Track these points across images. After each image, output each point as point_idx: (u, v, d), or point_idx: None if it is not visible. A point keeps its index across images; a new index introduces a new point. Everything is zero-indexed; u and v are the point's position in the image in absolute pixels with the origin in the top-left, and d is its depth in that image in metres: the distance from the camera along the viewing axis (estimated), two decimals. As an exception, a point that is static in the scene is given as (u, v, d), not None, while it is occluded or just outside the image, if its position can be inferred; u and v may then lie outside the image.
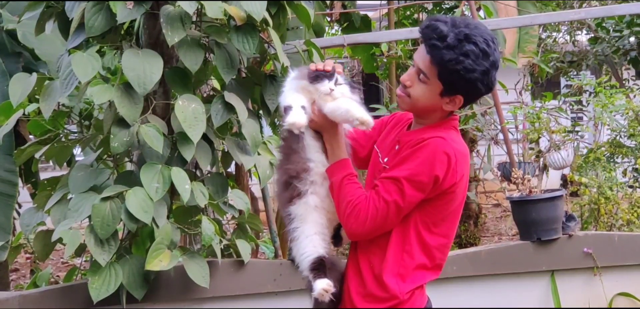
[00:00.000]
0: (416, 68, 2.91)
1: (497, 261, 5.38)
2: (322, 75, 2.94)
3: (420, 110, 2.97)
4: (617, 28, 9.13)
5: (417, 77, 2.91)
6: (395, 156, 2.96)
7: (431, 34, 2.82)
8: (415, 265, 2.94)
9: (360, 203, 2.86)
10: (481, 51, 2.80)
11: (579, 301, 5.44)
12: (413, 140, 2.91)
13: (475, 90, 2.90)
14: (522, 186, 5.60)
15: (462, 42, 2.78)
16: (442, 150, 2.85)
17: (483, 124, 7.74)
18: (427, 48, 2.85)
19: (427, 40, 2.85)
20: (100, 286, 4.23)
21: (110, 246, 4.24)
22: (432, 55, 2.82)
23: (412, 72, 2.94)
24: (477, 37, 2.80)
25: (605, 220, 6.77)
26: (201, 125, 4.25)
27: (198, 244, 4.80)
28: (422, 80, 2.90)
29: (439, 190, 2.87)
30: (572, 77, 11.21)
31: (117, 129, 4.21)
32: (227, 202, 4.75)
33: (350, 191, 2.89)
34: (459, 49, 2.78)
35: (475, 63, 2.79)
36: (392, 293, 2.91)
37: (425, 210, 2.90)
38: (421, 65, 2.88)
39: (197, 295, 4.77)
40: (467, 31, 2.80)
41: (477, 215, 9.70)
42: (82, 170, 4.56)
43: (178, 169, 4.27)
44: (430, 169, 2.82)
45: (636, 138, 7.68)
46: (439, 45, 2.79)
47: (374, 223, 2.85)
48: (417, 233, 2.92)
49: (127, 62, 4.11)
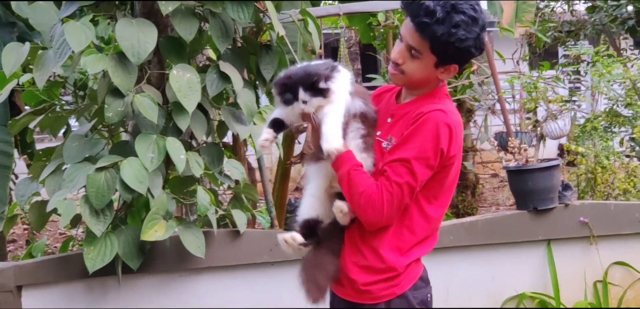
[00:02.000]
0: (406, 44, 2.86)
1: (493, 230, 5.38)
2: (289, 90, 2.89)
3: (416, 83, 2.94)
4: (615, -3, 9.11)
5: (409, 53, 2.86)
6: (390, 129, 2.94)
7: (418, 11, 2.77)
8: (415, 241, 2.93)
9: (373, 192, 2.81)
10: (470, 18, 2.77)
11: (575, 270, 5.44)
12: (411, 115, 2.88)
13: (469, 56, 2.88)
14: (518, 155, 5.60)
15: (451, 13, 2.74)
16: (444, 122, 2.82)
17: (480, 94, 7.74)
18: (415, 25, 2.80)
19: (414, 17, 2.79)
20: (95, 256, 4.23)
21: (106, 216, 4.23)
22: (423, 32, 2.78)
23: (402, 49, 2.88)
24: (464, 4, 2.76)
25: (602, 189, 6.77)
26: (196, 94, 4.23)
27: (194, 214, 4.78)
28: (415, 56, 2.85)
29: (443, 163, 2.85)
30: (569, 46, 11.17)
31: (111, 99, 4.19)
32: (222, 172, 4.73)
33: (360, 182, 2.83)
34: (448, 21, 2.73)
35: (467, 32, 2.76)
36: (391, 265, 2.90)
37: (427, 183, 2.88)
38: (411, 41, 2.83)
39: (192, 265, 4.77)
40: (452, 1, 2.76)
41: (474, 185, 9.70)
42: (77, 140, 4.53)
43: (173, 139, 4.26)
44: (436, 144, 2.80)
45: (633, 107, 7.66)
46: (428, 22, 2.74)
47: (391, 208, 2.81)
48: (418, 207, 2.90)
49: (121, 31, 4.08)
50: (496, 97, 6.96)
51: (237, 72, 4.46)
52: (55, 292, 4.66)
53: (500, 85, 6.82)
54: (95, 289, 4.67)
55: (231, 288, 4.93)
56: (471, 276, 5.33)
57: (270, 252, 4.91)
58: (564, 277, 5.40)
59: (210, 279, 4.88)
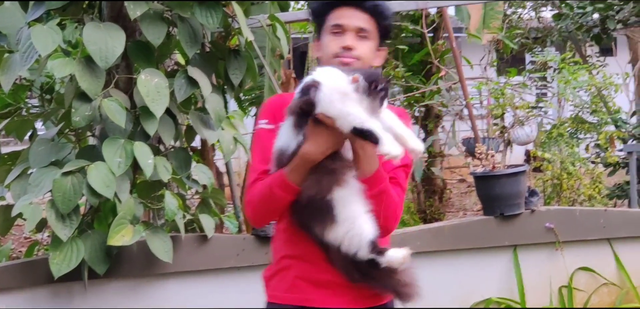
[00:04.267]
0: (354, 29, 2.81)
1: (460, 236, 5.41)
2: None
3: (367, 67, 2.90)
4: (581, 5, 9.17)
5: (357, 36, 2.82)
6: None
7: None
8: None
9: (401, 203, 2.80)
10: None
11: (540, 276, 5.48)
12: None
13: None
14: (485, 161, 5.63)
15: None
16: (405, 112, 2.90)
17: (448, 100, 7.78)
18: (361, 5, 2.80)
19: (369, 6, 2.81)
20: (61, 261, 4.19)
21: (72, 221, 4.20)
22: (370, 10, 2.80)
23: (351, 35, 2.82)
24: None
25: (568, 195, 6.84)
26: (164, 99, 4.21)
27: (161, 219, 4.77)
28: (364, 37, 2.83)
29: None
30: (536, 53, 11.27)
31: (78, 103, 4.16)
32: (190, 177, 4.72)
33: (394, 193, 2.75)
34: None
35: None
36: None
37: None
38: (359, 23, 2.81)
39: (160, 270, 4.75)
40: None
41: (442, 191, 9.77)
42: (43, 144, 4.50)
43: (141, 143, 4.24)
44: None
45: (598, 114, 7.76)
46: (378, 5, 2.80)
47: (401, 213, 2.83)
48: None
49: (88, 35, 4.06)
50: (464, 102, 7.00)
51: (206, 77, 4.45)
52: (20, 297, 4.62)
53: (467, 91, 6.87)
54: (61, 294, 4.63)
55: (199, 292, 4.92)
56: (438, 282, 5.34)
57: (238, 257, 4.91)
58: (529, 282, 5.44)
59: (178, 284, 4.86)
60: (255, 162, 2.84)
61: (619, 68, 10.24)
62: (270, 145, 2.75)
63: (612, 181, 8.71)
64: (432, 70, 8.74)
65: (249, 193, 2.82)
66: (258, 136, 2.90)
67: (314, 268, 2.79)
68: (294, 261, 2.84)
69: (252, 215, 2.85)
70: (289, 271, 2.85)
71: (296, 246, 2.82)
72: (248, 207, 2.84)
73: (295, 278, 2.83)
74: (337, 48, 2.81)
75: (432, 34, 9.12)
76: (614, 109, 8.28)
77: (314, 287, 2.81)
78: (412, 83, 8.04)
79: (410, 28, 8.75)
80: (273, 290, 2.91)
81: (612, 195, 8.30)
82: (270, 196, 2.71)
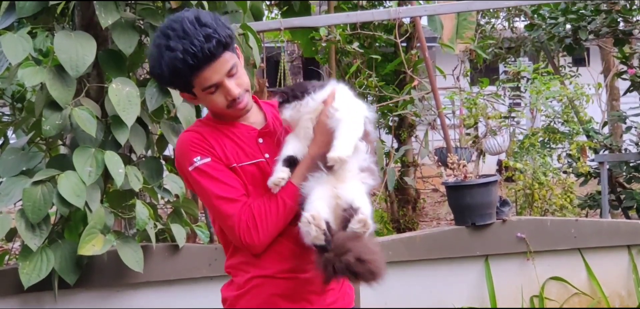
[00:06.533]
0: (226, 75, 2.72)
1: (432, 246, 5.42)
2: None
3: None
4: (553, 15, 9.23)
5: (233, 78, 2.75)
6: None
7: (203, 44, 2.62)
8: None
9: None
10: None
11: (512, 285, 5.51)
12: (278, 119, 2.91)
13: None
14: (458, 171, 5.65)
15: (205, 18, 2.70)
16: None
17: (421, 109, 7.80)
18: (213, 52, 2.64)
19: (208, 50, 2.63)
20: (31, 271, 4.17)
21: (42, 230, 4.18)
22: (221, 49, 2.66)
23: (228, 84, 2.73)
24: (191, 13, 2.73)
25: (539, 205, 6.87)
26: (135, 108, 4.21)
27: (132, 228, 4.75)
28: (235, 73, 2.75)
29: None
30: (509, 63, 11.33)
31: (49, 112, 4.15)
32: (162, 186, 4.71)
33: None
34: (215, 22, 2.68)
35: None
36: None
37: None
38: (226, 66, 2.71)
39: (131, 280, 4.73)
40: (188, 17, 2.67)
41: (415, 200, 9.79)
42: (14, 153, 4.48)
43: (112, 153, 4.23)
44: None
45: (570, 124, 7.80)
46: (216, 37, 2.63)
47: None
48: None
49: (59, 43, 4.04)
50: (436, 112, 7.02)
51: (177, 86, 4.44)
52: (-11, 307, 4.60)
53: (440, 100, 6.88)
54: (31, 304, 4.60)
55: (170, 302, 4.90)
56: (410, 292, 5.36)
57: (210, 266, 4.90)
58: (501, 292, 5.46)
59: (149, 294, 4.85)
60: (220, 192, 2.76)
61: (592, 78, 10.32)
62: (223, 174, 2.76)
63: (584, 191, 8.78)
64: (405, 80, 8.76)
65: (240, 219, 2.74)
66: (203, 172, 2.78)
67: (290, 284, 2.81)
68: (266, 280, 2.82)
69: (262, 237, 2.75)
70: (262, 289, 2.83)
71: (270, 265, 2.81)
72: (249, 233, 2.74)
73: (271, 295, 2.82)
74: (226, 102, 2.76)
75: (405, 44, 9.16)
76: (585, 119, 8.33)
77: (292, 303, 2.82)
78: (386, 93, 8.04)
79: (383, 37, 8.77)
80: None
81: (584, 205, 8.36)
82: (285, 210, 2.75)
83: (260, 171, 2.80)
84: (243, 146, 2.82)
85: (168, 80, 2.73)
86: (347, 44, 7.98)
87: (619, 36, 8.81)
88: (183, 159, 2.81)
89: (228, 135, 2.83)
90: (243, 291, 2.85)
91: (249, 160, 2.81)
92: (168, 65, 2.62)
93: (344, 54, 8.85)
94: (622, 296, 5.70)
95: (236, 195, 2.75)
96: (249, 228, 2.73)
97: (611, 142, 8.41)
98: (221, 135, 2.82)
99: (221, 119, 2.86)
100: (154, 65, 2.69)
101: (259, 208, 2.74)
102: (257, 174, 2.80)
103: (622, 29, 8.70)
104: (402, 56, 7.47)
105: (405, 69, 7.65)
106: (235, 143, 2.82)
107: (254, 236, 2.74)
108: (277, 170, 2.75)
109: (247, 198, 2.76)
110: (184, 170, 2.83)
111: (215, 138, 2.80)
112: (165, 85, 2.88)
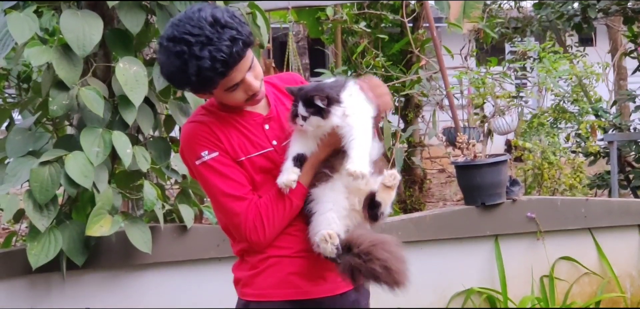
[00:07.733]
0: (248, 70, 2.67)
1: (441, 226, 5.39)
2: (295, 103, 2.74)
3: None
4: (562, -6, 9.19)
5: (253, 72, 2.71)
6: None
7: (239, 37, 2.59)
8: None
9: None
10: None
11: (522, 265, 5.48)
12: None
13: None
14: (466, 151, 5.61)
15: (220, 20, 2.61)
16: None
17: (428, 89, 7.76)
18: (232, 56, 2.57)
19: (228, 55, 2.56)
20: (39, 252, 4.15)
21: (50, 211, 4.16)
22: (240, 48, 2.58)
23: (249, 78, 2.69)
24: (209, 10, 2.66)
25: (549, 184, 6.84)
26: (143, 88, 4.18)
27: (140, 209, 4.73)
28: (255, 63, 2.72)
29: None
30: (516, 42, 11.27)
31: (55, 92, 4.12)
32: (170, 167, 4.68)
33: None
34: (233, 21, 2.61)
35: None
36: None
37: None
38: (251, 57, 2.68)
39: (139, 261, 4.70)
40: (208, 18, 2.60)
41: (422, 181, 9.77)
42: (20, 134, 4.45)
43: (119, 133, 4.20)
44: None
45: (579, 103, 7.77)
46: (235, 36, 2.57)
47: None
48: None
49: (65, 22, 4.01)
50: (444, 92, 6.97)
51: (185, 65, 4.41)
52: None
53: (448, 80, 6.83)
54: (39, 285, 4.58)
55: (178, 283, 4.88)
56: (419, 272, 5.26)
57: (218, 247, 4.87)
58: (511, 272, 5.43)
59: (157, 275, 4.82)
60: (227, 189, 2.74)
61: (599, 58, 10.27)
62: (230, 169, 2.74)
63: (593, 170, 8.74)
64: (412, 60, 8.73)
65: (247, 218, 2.73)
66: (210, 168, 2.76)
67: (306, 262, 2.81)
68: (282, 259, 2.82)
69: (268, 236, 2.76)
70: (279, 268, 2.82)
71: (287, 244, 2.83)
72: (255, 232, 2.74)
73: (288, 274, 2.81)
74: (246, 96, 2.73)
75: (412, 24, 9.12)
76: (594, 99, 8.30)
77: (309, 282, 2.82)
78: (392, 73, 8.01)
79: (390, 17, 8.73)
80: (259, 288, 2.87)
81: (593, 185, 8.32)
82: (292, 210, 2.76)
83: (269, 161, 2.79)
84: (250, 136, 2.79)
85: (195, 88, 2.67)
86: (353, 24, 7.94)
87: (628, 14, 8.76)
88: (189, 152, 2.78)
89: (234, 125, 2.79)
90: (259, 270, 2.83)
91: (257, 151, 2.78)
92: (196, 74, 2.55)
93: (351, 34, 8.82)
94: (632, 276, 5.68)
95: (243, 193, 2.74)
96: (256, 227, 2.74)
97: (620, 122, 8.37)
98: (227, 126, 2.78)
99: (226, 106, 2.81)
100: (174, 72, 2.61)
101: (266, 207, 2.73)
102: (266, 164, 2.79)
103: (631, 6, 8.64)
104: (409, 36, 7.43)
105: (413, 49, 7.62)
106: (242, 134, 2.79)
107: (260, 234, 2.75)
108: (287, 170, 2.73)
109: (253, 193, 2.76)
110: (189, 163, 2.81)
111: (222, 130, 2.76)
112: (187, 90, 2.81)
